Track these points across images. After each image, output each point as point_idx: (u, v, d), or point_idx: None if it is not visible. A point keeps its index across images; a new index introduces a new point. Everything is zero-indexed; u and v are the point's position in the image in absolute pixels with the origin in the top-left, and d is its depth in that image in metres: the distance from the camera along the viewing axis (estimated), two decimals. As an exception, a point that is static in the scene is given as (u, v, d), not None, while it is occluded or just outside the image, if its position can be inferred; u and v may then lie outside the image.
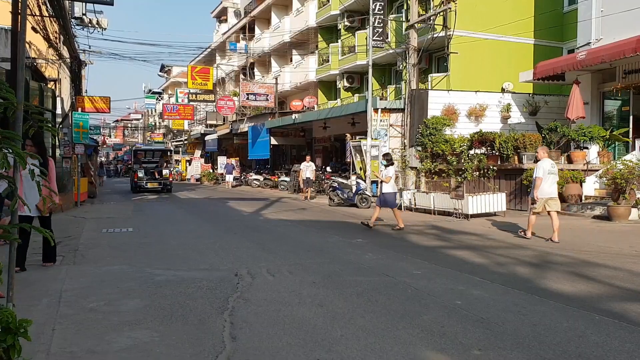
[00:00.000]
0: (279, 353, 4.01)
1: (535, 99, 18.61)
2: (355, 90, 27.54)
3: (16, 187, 2.60)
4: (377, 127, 18.66)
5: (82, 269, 7.34)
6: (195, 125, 49.80)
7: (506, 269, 7.27)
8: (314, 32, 30.62)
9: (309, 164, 21.39)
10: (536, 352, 3.99)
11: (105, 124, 71.83)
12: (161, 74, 63.95)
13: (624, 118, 15.89)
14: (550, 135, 15.00)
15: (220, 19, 48.16)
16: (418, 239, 10.25)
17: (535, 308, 5.21)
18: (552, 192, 9.92)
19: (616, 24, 14.45)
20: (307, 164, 21.28)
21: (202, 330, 4.56)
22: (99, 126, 50.85)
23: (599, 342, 4.20)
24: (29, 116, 2.91)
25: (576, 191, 13.93)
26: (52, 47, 18.03)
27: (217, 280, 6.44)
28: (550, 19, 20.73)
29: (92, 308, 5.29)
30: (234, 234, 11.02)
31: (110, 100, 25.75)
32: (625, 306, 5.27)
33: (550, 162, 10.05)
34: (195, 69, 36.24)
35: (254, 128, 31.47)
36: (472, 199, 13.47)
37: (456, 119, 17.97)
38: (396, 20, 21.82)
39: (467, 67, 19.72)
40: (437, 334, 4.43)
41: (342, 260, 7.91)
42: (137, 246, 9.43)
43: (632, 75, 14.96)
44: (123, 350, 4.09)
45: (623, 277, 6.60)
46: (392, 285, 6.23)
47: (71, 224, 12.72)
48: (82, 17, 20.33)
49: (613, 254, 8.23)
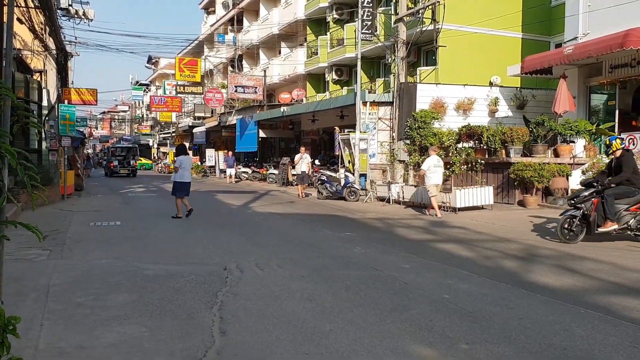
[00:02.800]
0: (269, 347, 4.03)
1: (523, 92, 18.71)
2: (344, 83, 27.52)
3: (4, 184, 2.58)
4: (366, 120, 18.68)
5: (69, 263, 7.29)
6: (183, 117, 49.49)
7: (493, 262, 7.35)
8: (302, 24, 30.50)
9: (305, 156, 19.33)
10: (522, 346, 4.05)
11: (92, 115, 71.21)
12: (148, 65, 63.41)
13: (610, 112, 16.04)
14: (537, 129, 15.10)
15: (208, 10, 47.81)
16: (406, 233, 10.31)
17: (521, 302, 5.28)
18: (438, 180, 13.25)
19: (603, 19, 14.54)
20: (303, 156, 19.19)
21: (192, 325, 4.56)
22: (85, 118, 50.27)
23: (583, 336, 4.26)
24: (15, 112, 2.88)
25: (562, 185, 14.06)
26: (38, 38, 17.80)
27: (206, 275, 6.44)
28: (538, 13, 20.82)
29: (80, 303, 5.26)
30: (223, 228, 11.01)
31: (97, 92, 25.51)
32: (609, 299, 5.36)
33: (436, 158, 13.37)
34: (183, 61, 35.98)
35: (242, 121, 31.34)
36: (460, 192, 13.55)
37: (444, 113, 18.03)
38: (385, 14, 21.81)
39: (456, 61, 19.78)
40: (425, 328, 4.47)
41: (331, 254, 7.94)
42: (125, 240, 9.38)
43: (618, 70, 15.08)
44: (112, 346, 4.08)
45: (608, 270, 6.70)
46: (380, 279, 6.27)
47: (58, 217, 12.62)
48: (68, 7, 20.04)
49: (598, 247, 8.34)
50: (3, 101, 2.63)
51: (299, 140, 31.66)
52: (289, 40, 32.41)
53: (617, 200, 8.56)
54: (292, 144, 33.28)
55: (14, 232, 6.93)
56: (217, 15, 43.88)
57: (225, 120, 35.01)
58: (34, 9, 15.94)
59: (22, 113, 2.87)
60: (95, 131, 78.45)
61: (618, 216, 8.55)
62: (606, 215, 8.57)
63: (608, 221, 8.56)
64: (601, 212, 8.61)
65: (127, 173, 37.44)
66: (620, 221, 8.56)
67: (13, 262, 6.98)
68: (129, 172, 37.56)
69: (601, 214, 8.62)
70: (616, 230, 8.62)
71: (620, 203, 8.56)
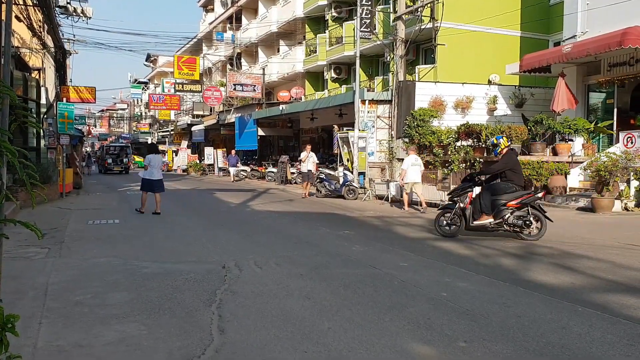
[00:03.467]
0: (267, 346, 4.04)
1: (522, 91, 18.74)
2: (343, 82, 27.51)
3: (3, 182, 2.58)
4: (365, 118, 18.69)
5: (68, 261, 7.29)
6: (181, 115, 49.47)
7: (491, 260, 7.36)
8: (301, 22, 30.48)
9: (311, 154, 18.71)
10: (520, 344, 4.06)
11: (90, 113, 71.19)
12: (147, 63, 63.35)
13: (608, 110, 16.06)
14: (535, 128, 15.12)
15: (207, 8, 47.75)
16: (405, 231, 10.32)
17: (519, 300, 5.29)
18: (416, 178, 14.02)
19: (602, 17, 14.56)
20: (308, 155, 18.58)
21: (190, 323, 4.56)
22: (84, 116, 50.35)
23: (581, 333, 4.28)
24: (13, 111, 2.88)
25: (561, 183, 14.09)
26: (36, 36, 17.76)
27: (205, 273, 6.44)
28: (536, 11, 20.83)
29: (78, 301, 5.26)
30: (221, 226, 11.01)
31: (96, 90, 25.48)
32: (607, 297, 5.37)
33: (414, 157, 14.22)
34: (182, 59, 35.97)
35: (241, 119, 31.34)
36: (458, 190, 13.55)
37: (443, 111, 18.05)
38: (384, 12, 21.81)
39: (454, 59, 19.78)
40: (424, 326, 4.48)
41: (330, 252, 7.95)
42: (124, 238, 9.38)
43: (616, 68, 15.10)
44: (110, 344, 4.08)
45: (606, 268, 6.71)
46: (379, 277, 6.28)
47: (56, 215, 12.61)
48: (67, 5, 20.00)
49: (596, 245, 8.36)
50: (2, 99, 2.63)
51: (297, 139, 31.69)
52: (288, 38, 32.39)
53: (496, 196, 8.96)
54: (290, 142, 33.29)
55: (13, 230, 6.94)
56: (216, 13, 43.82)
57: (224, 119, 35.01)
58: (32, 7, 15.90)
59: (21, 112, 2.87)
60: (93, 129, 78.47)
61: (496, 211, 8.91)
62: (482, 209, 8.95)
63: (483, 214, 8.96)
64: (477, 205, 9.01)
65: (119, 170, 39.87)
66: (497, 216, 8.91)
67: (12, 260, 6.98)
68: (122, 170, 39.96)
69: (478, 208, 9.01)
70: (492, 224, 8.96)
71: (500, 199, 8.92)
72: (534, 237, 8.84)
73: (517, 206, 8.88)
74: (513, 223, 8.88)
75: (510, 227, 8.93)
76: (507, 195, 8.95)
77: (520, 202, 8.88)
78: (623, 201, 12.29)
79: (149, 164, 13.32)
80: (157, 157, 13.63)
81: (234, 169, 29.33)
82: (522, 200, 8.89)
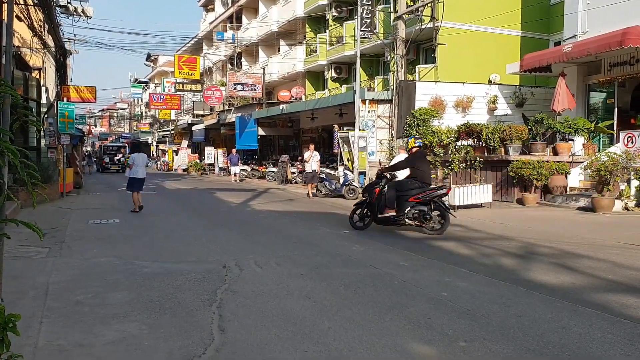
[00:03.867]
0: (267, 345, 4.04)
1: (522, 90, 18.73)
2: (343, 81, 27.52)
3: (4, 182, 2.58)
4: (365, 118, 18.69)
5: (68, 261, 7.30)
6: (182, 115, 49.46)
7: (492, 260, 7.36)
8: (301, 22, 30.49)
9: (315, 154, 18.40)
10: (521, 343, 4.06)
11: (90, 113, 71.19)
12: (147, 63, 63.35)
13: (608, 110, 16.07)
14: (536, 127, 15.12)
15: (208, 7, 47.75)
16: (404, 231, 10.31)
17: (520, 300, 5.29)
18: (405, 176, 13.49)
19: (602, 17, 14.56)
20: (312, 154, 18.28)
21: (191, 322, 4.57)
22: (84, 115, 50.33)
23: (581, 333, 4.28)
24: (14, 110, 2.89)
25: (561, 183, 14.09)
26: (37, 36, 17.76)
27: (205, 273, 6.45)
28: (537, 11, 20.84)
29: (79, 301, 5.27)
30: (222, 226, 11.02)
31: (96, 89, 25.50)
32: (607, 297, 5.37)
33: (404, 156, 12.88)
34: (182, 59, 35.97)
35: (241, 118, 31.34)
36: (458, 190, 13.56)
37: (443, 111, 18.05)
38: (384, 11, 21.81)
39: (455, 59, 19.78)
40: (424, 325, 4.49)
41: (330, 252, 7.95)
42: (124, 238, 9.39)
43: (617, 68, 15.11)
44: (111, 343, 4.09)
45: (606, 268, 6.71)
46: (379, 277, 6.28)
47: (57, 215, 12.62)
48: (67, 5, 20.00)
49: (596, 245, 8.36)
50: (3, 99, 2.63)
51: (298, 138, 31.68)
52: (288, 38, 32.39)
53: (401, 192, 9.76)
54: (291, 142, 33.30)
55: (14, 230, 6.92)
56: (216, 13, 43.83)
57: (224, 118, 35.01)
58: (32, 7, 15.91)
59: (22, 112, 2.88)
60: (94, 129, 78.44)
61: (399, 205, 9.70)
62: (386, 203, 9.75)
63: (386, 208, 9.77)
64: (383, 200, 9.80)
65: (117, 169, 41.59)
66: (400, 209, 9.70)
67: (12, 260, 6.99)
68: (119, 169, 41.21)
69: (383, 202, 9.80)
70: (394, 217, 9.75)
71: (404, 194, 9.70)
72: (436, 231, 9.44)
73: (418, 201, 9.59)
74: (413, 216, 9.60)
75: (411, 220, 9.63)
76: (411, 191, 9.70)
77: (421, 197, 9.59)
78: (623, 201, 12.29)
79: (133, 162, 13.42)
80: (140, 155, 13.65)
81: (236, 169, 29.02)
82: (424, 196, 9.58)
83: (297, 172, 24.74)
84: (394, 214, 9.72)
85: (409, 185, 9.81)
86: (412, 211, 9.60)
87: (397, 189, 9.81)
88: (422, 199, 9.58)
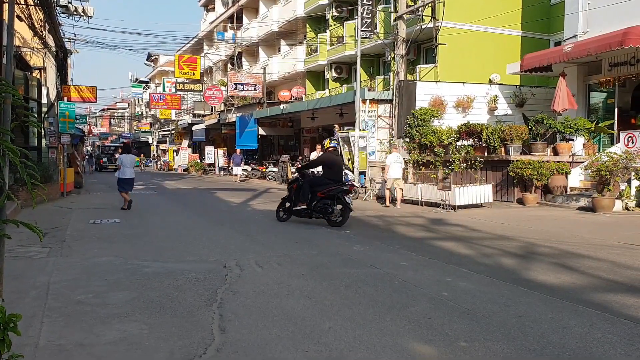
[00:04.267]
0: (268, 345, 4.04)
1: (522, 90, 18.73)
2: (344, 81, 27.52)
3: (5, 182, 2.59)
4: (365, 118, 18.69)
5: (69, 260, 7.30)
6: (182, 114, 49.49)
7: (492, 260, 7.36)
8: (302, 22, 30.49)
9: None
10: (521, 343, 4.06)
11: (91, 113, 71.16)
12: (148, 62, 63.32)
13: (609, 110, 16.06)
14: (536, 127, 15.12)
15: (208, 7, 47.76)
16: (405, 230, 10.32)
17: (520, 299, 5.29)
18: (397, 175, 14.70)
19: (602, 17, 14.56)
20: (319, 154, 16.97)
21: (191, 322, 4.57)
22: (85, 115, 50.30)
23: (582, 333, 4.28)
24: (14, 110, 2.89)
25: (561, 183, 14.09)
26: (37, 36, 17.76)
27: (206, 272, 6.45)
28: (537, 11, 20.84)
29: (80, 300, 5.27)
30: (222, 225, 11.02)
31: (97, 89, 25.49)
32: (607, 297, 5.37)
33: (396, 155, 15.04)
34: (183, 58, 35.96)
35: (241, 118, 31.35)
36: (459, 190, 13.57)
37: (444, 110, 18.04)
38: (385, 11, 21.81)
39: (455, 59, 19.78)
40: (424, 325, 4.49)
41: (330, 251, 7.95)
42: (125, 237, 9.40)
43: (617, 68, 15.10)
44: (112, 343, 4.09)
45: (606, 268, 6.71)
46: (379, 276, 6.28)
47: (57, 214, 12.63)
48: (68, 5, 20.00)
49: (597, 245, 8.36)
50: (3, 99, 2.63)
51: (298, 138, 31.68)
52: (289, 37, 32.39)
53: (313, 187, 10.96)
54: (291, 141, 33.30)
55: (14, 230, 6.92)
56: (217, 13, 43.85)
57: (224, 118, 35.02)
58: (33, 6, 15.91)
59: (22, 112, 2.88)
60: (94, 128, 78.39)
61: (310, 200, 10.92)
62: (300, 198, 11.01)
63: (299, 202, 11.06)
64: (298, 195, 11.06)
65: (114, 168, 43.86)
66: (310, 203, 10.92)
67: (13, 260, 7.00)
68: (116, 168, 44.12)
69: (298, 197, 11.06)
70: (304, 209, 11.04)
71: (315, 190, 10.92)
72: (338, 223, 10.63)
73: (323, 196, 10.79)
74: (318, 209, 10.81)
75: (316, 213, 10.86)
76: (320, 187, 10.92)
77: (326, 193, 10.78)
78: (624, 201, 12.29)
79: (121, 163, 14.07)
80: (128, 157, 14.27)
81: (238, 169, 28.71)
82: (329, 192, 10.78)
83: (293, 172, 24.74)
84: (304, 207, 10.99)
85: (320, 182, 11.05)
86: (318, 205, 10.82)
87: (311, 185, 11.00)
88: (326, 194, 10.78)
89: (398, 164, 14.92)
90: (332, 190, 10.76)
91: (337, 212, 10.72)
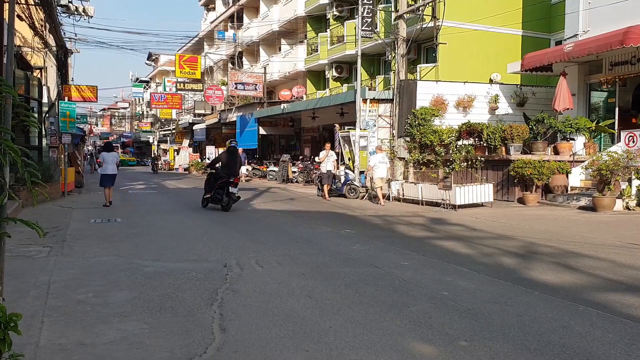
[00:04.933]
0: (269, 344, 4.05)
1: (523, 90, 18.71)
2: (344, 81, 27.51)
3: (6, 182, 2.59)
4: (366, 117, 18.67)
5: (70, 260, 7.30)
6: (183, 114, 49.49)
7: (492, 259, 7.36)
8: (302, 21, 30.48)
9: (330, 153, 17.24)
10: (521, 343, 4.06)
11: (92, 112, 71.25)
12: (149, 62, 63.34)
13: (609, 110, 16.05)
14: (537, 127, 15.10)
15: (208, 7, 47.75)
16: (406, 230, 10.32)
17: (520, 299, 5.29)
18: (383, 174, 15.42)
19: (603, 17, 14.54)
20: (328, 154, 17.15)
21: (192, 321, 4.57)
22: (85, 115, 50.32)
23: (582, 333, 4.28)
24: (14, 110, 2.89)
25: (562, 182, 14.08)
26: (38, 35, 17.77)
27: (206, 272, 6.45)
28: (538, 10, 20.82)
29: (80, 300, 5.28)
30: (223, 225, 11.03)
31: (97, 89, 25.52)
32: (608, 297, 5.37)
33: (381, 156, 15.72)
34: (183, 58, 36.00)
35: (242, 118, 31.35)
36: (459, 189, 13.57)
37: (444, 110, 18.02)
38: (385, 11, 21.79)
39: (456, 58, 19.77)
40: (425, 325, 4.49)
41: (331, 251, 7.96)
42: (126, 237, 9.40)
43: (618, 68, 15.09)
44: (112, 343, 4.10)
45: (606, 267, 6.72)
46: (380, 276, 6.29)
47: (58, 214, 12.64)
48: (68, 4, 20.00)
49: (597, 244, 8.36)
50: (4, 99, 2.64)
51: (299, 138, 31.67)
52: (289, 37, 32.38)
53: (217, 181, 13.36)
54: (292, 141, 33.30)
55: (15, 229, 6.93)
56: (217, 12, 43.84)
57: (225, 117, 35.02)
58: (34, 6, 15.92)
59: (22, 112, 2.88)
60: (95, 128, 78.46)
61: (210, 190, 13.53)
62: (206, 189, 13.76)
63: (207, 192, 13.66)
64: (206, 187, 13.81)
65: None
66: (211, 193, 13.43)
67: (14, 259, 7.00)
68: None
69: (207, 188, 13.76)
70: (207, 198, 13.62)
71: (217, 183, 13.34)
72: (225, 208, 13.11)
73: (218, 187, 13.25)
74: (213, 198, 13.31)
75: (211, 200, 13.41)
76: (217, 180, 13.35)
77: (218, 184, 13.25)
78: (624, 200, 12.28)
79: (103, 160, 14.80)
80: (110, 154, 14.99)
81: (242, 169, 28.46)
82: (221, 184, 13.20)
83: (298, 171, 24.75)
84: (209, 196, 13.46)
85: (217, 176, 13.41)
86: (214, 194, 13.27)
87: (215, 178, 13.44)
88: (219, 186, 13.21)
89: (384, 164, 15.54)
90: (221, 183, 13.19)
91: (225, 200, 13.13)
